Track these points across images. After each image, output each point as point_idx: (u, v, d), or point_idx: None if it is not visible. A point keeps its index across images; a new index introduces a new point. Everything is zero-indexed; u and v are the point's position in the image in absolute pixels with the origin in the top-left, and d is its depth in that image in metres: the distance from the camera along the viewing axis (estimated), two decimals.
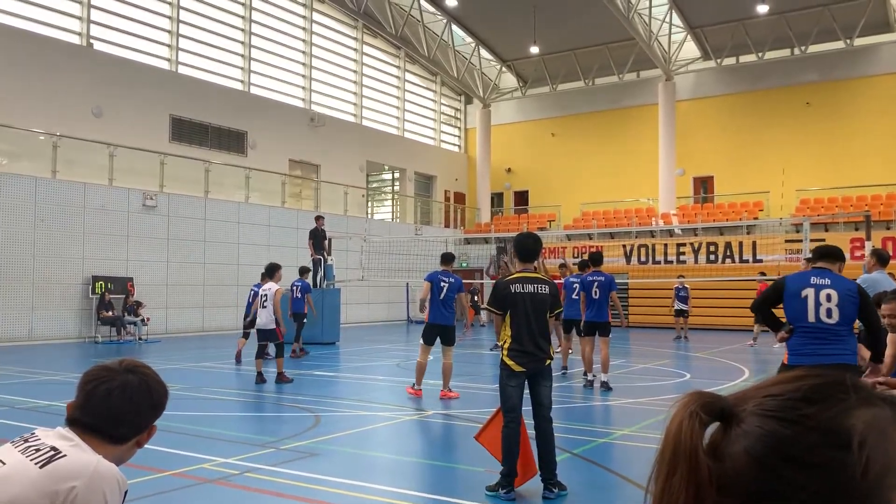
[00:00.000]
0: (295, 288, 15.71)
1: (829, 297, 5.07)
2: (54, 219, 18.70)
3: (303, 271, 16.23)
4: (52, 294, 18.57)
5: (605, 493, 5.83)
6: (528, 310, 5.73)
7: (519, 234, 6.21)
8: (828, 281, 5.12)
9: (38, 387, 11.11)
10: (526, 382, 5.77)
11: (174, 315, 21.22)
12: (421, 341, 10.25)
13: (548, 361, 5.79)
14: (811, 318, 5.08)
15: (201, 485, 5.80)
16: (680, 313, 20.29)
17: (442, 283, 10.19)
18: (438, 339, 10.08)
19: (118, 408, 1.83)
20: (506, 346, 5.77)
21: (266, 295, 11.74)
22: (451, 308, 10.12)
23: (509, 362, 5.72)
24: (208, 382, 11.61)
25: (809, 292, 5.11)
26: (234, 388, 11.31)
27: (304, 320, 15.71)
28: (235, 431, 8.13)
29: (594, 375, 11.17)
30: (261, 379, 11.47)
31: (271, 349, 12.29)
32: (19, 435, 1.85)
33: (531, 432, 5.77)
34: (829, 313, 5.05)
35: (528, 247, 6.01)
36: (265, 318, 11.60)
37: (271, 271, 12.10)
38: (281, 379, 11.52)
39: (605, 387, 10.83)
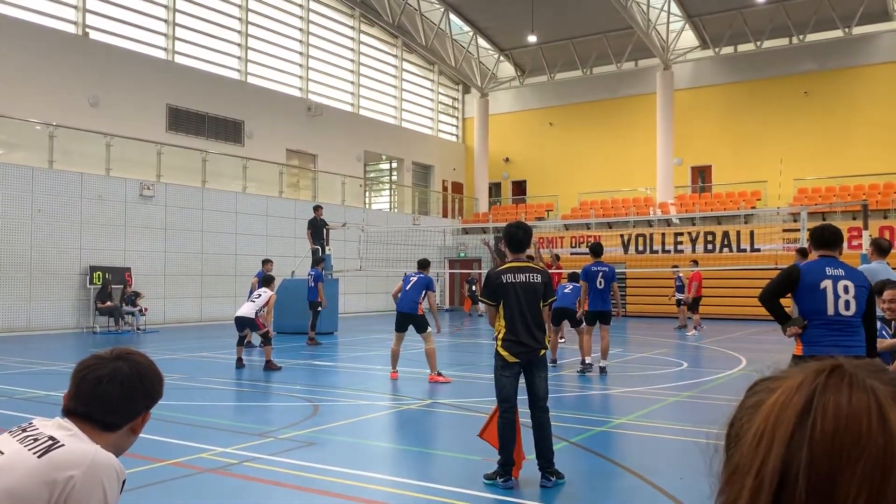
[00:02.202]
0: (309, 277, 16.13)
1: (846, 289, 4.89)
2: (51, 209, 18.66)
3: (317, 261, 16.63)
4: (49, 284, 18.56)
5: (603, 481, 5.86)
6: (521, 299, 5.72)
7: (508, 224, 6.14)
8: (842, 272, 4.95)
9: (36, 377, 11.13)
10: (522, 373, 5.78)
11: (172, 305, 21.22)
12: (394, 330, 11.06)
13: (542, 352, 5.78)
14: (830, 311, 4.88)
15: (200, 474, 5.82)
16: (679, 302, 20.42)
17: (411, 279, 11.03)
18: (414, 330, 10.78)
19: (108, 395, 1.84)
20: (500, 336, 5.75)
21: (260, 294, 12.30)
22: (414, 299, 10.77)
23: (503, 353, 5.70)
24: (206, 372, 11.63)
25: (828, 284, 4.90)
26: (232, 377, 11.33)
27: (319, 308, 16.05)
28: (234, 421, 8.15)
29: (591, 362, 11.32)
30: (240, 364, 12.02)
31: (255, 339, 12.63)
32: (17, 425, 1.86)
33: (526, 422, 5.78)
34: (847, 305, 4.88)
35: (517, 237, 5.96)
36: (245, 309, 12.18)
37: (267, 282, 12.71)
38: (269, 367, 11.71)
39: (603, 371, 11.30)
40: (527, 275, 5.79)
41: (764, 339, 17.51)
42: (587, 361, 11.31)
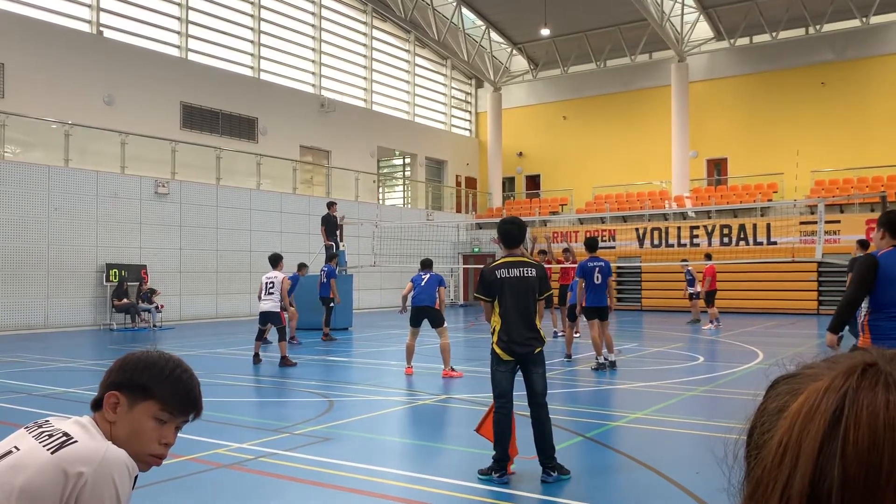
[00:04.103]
0: (322, 273, 16.15)
1: None
2: (68, 207, 18.81)
3: (329, 257, 16.65)
4: (66, 282, 18.72)
5: (616, 475, 5.83)
6: (517, 294, 5.68)
7: (502, 219, 6.08)
8: None
9: (54, 374, 11.23)
10: (520, 369, 5.74)
11: (187, 302, 21.35)
12: (409, 325, 11.23)
13: (538, 349, 5.71)
14: None
15: (216, 469, 5.84)
16: (692, 296, 20.21)
17: (423, 277, 11.21)
18: (428, 323, 10.96)
19: (105, 374, 1.87)
20: (495, 332, 5.72)
21: (273, 282, 12.19)
22: (430, 294, 10.99)
23: (498, 350, 5.67)
24: (222, 368, 11.69)
25: None
26: (247, 374, 11.38)
27: (332, 304, 16.05)
28: (250, 417, 8.18)
29: (605, 358, 11.27)
30: (257, 360, 12.08)
31: (272, 335, 12.70)
32: (33, 421, 1.86)
33: (523, 418, 5.76)
34: None
35: (511, 233, 5.92)
36: (270, 304, 12.12)
37: (275, 261, 12.54)
38: (285, 363, 11.76)
39: (613, 366, 11.27)
40: (521, 269, 5.75)
41: (781, 333, 17.39)
42: (601, 361, 11.24)
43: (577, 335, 14.71)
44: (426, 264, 11.53)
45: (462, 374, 10.65)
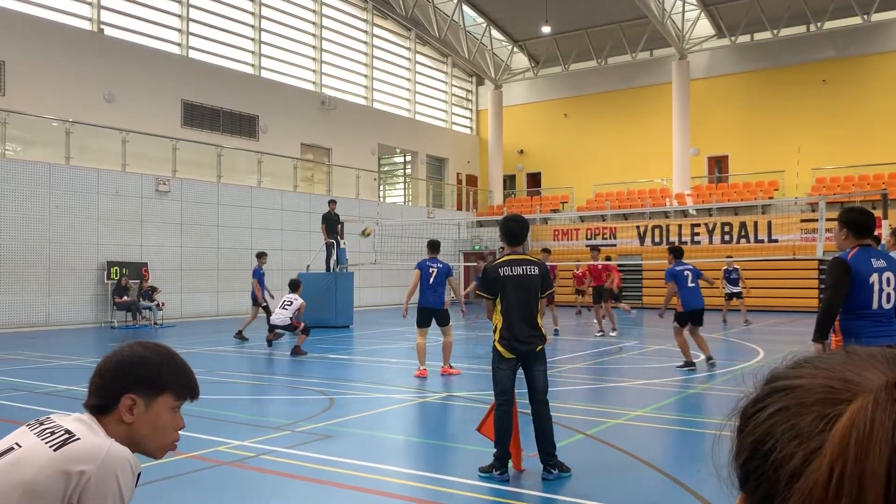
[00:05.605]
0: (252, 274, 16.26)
1: (888, 281, 4.74)
2: (69, 205, 18.82)
3: (259, 255, 16.38)
4: (67, 279, 18.73)
5: (616, 472, 5.83)
6: (519, 292, 5.70)
7: (504, 217, 6.08)
8: (883, 262, 4.78)
9: (55, 372, 11.24)
10: (521, 367, 5.76)
11: (188, 299, 21.36)
12: (416, 326, 10.78)
13: (539, 346, 5.73)
14: (875, 305, 4.73)
15: (217, 467, 5.85)
16: (732, 296, 19.16)
17: (430, 269, 10.67)
18: (435, 322, 10.60)
19: (100, 376, 1.85)
20: (497, 329, 5.74)
21: (291, 302, 13.31)
22: (439, 292, 10.57)
23: (500, 349, 5.69)
24: (223, 366, 11.70)
25: (875, 278, 4.71)
26: (248, 371, 11.40)
27: (263, 305, 15.73)
28: (250, 414, 8.19)
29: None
30: (270, 344, 13.56)
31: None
32: (35, 418, 1.86)
33: (526, 415, 5.77)
34: (888, 298, 4.75)
35: (514, 231, 5.92)
36: (281, 318, 13.19)
37: (295, 286, 13.72)
38: (297, 351, 12.69)
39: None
40: (524, 267, 5.77)
41: (782, 331, 17.38)
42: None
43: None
44: (434, 247, 10.83)
45: (460, 372, 10.64)
